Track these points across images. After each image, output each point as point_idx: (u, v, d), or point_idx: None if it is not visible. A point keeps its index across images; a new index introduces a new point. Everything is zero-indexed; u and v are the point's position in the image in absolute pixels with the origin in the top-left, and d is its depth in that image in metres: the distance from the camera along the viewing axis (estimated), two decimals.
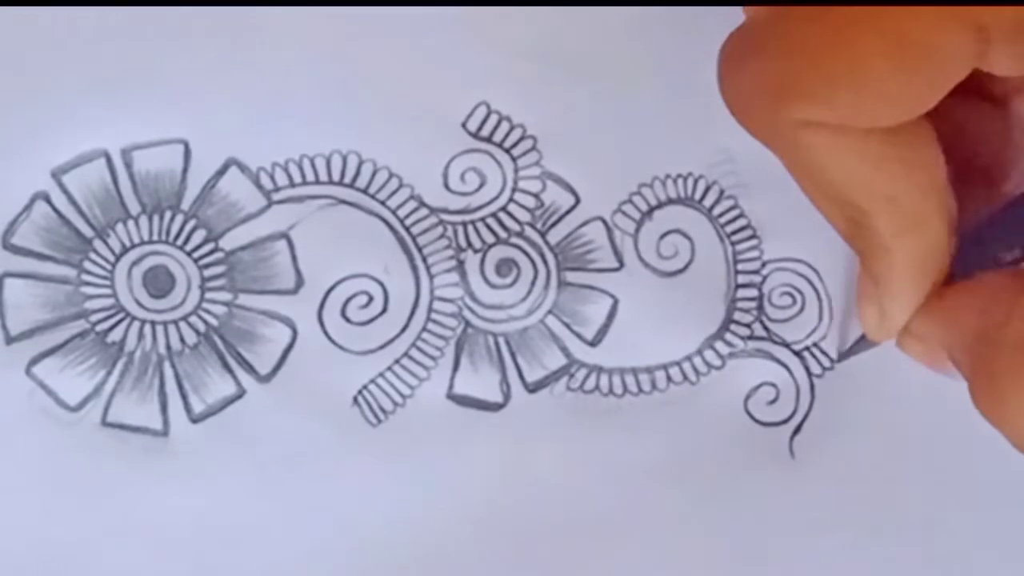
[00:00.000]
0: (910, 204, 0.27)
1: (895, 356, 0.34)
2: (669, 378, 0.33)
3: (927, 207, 0.27)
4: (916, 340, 0.30)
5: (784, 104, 0.25)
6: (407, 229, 0.33)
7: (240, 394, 0.32)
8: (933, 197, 0.27)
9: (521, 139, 0.33)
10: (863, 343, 0.33)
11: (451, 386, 0.33)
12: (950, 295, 0.29)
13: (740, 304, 0.34)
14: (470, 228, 0.33)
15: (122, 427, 0.32)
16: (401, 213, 0.33)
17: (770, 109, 0.26)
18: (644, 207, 0.33)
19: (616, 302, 0.33)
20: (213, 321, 0.32)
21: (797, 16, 0.25)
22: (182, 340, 0.32)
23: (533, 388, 0.33)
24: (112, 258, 0.32)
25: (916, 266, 0.28)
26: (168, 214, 0.32)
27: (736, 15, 0.33)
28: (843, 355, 0.34)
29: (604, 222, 0.33)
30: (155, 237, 0.32)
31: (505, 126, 0.33)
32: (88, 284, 0.32)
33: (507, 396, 0.33)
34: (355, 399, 0.32)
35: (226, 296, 0.32)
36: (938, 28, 0.24)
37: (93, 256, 0.32)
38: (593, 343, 0.33)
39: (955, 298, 0.28)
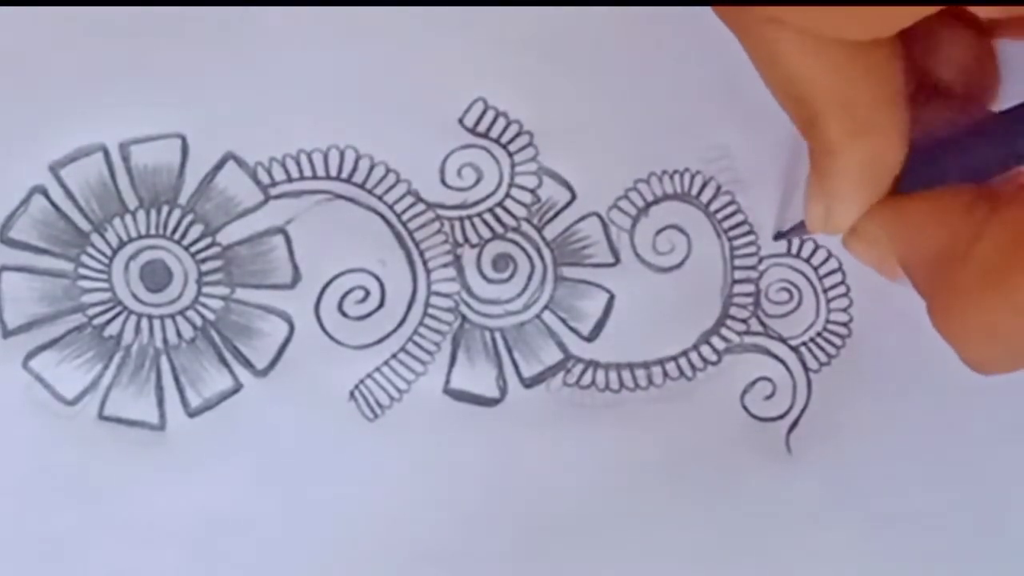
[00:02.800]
0: (862, 110, 0.27)
1: (892, 353, 0.34)
2: (665, 373, 0.33)
3: (880, 116, 0.27)
4: (865, 243, 0.30)
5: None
6: (404, 224, 0.33)
7: (237, 388, 0.32)
8: (887, 107, 0.27)
9: (518, 135, 0.33)
10: (802, 227, 0.33)
11: (448, 381, 0.33)
12: (910, 203, 0.28)
13: (737, 299, 0.34)
14: (467, 223, 0.33)
15: (119, 421, 0.32)
16: (398, 208, 0.33)
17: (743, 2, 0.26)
18: (640, 203, 0.33)
19: (612, 297, 0.33)
20: (210, 315, 0.32)
21: None
22: (179, 334, 0.32)
23: (529, 383, 0.33)
24: (109, 252, 0.32)
25: (862, 171, 0.28)
26: (165, 208, 0.32)
27: None
28: (780, 235, 0.34)
29: (600, 218, 0.33)
30: (152, 231, 0.32)
31: (502, 122, 0.33)
32: (85, 278, 0.32)
33: (503, 391, 0.33)
34: (352, 394, 0.32)
35: (223, 290, 0.32)
36: None
37: (90, 250, 0.32)
38: (589, 338, 0.33)
39: (916, 208, 0.28)
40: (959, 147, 0.28)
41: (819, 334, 0.34)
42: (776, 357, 0.34)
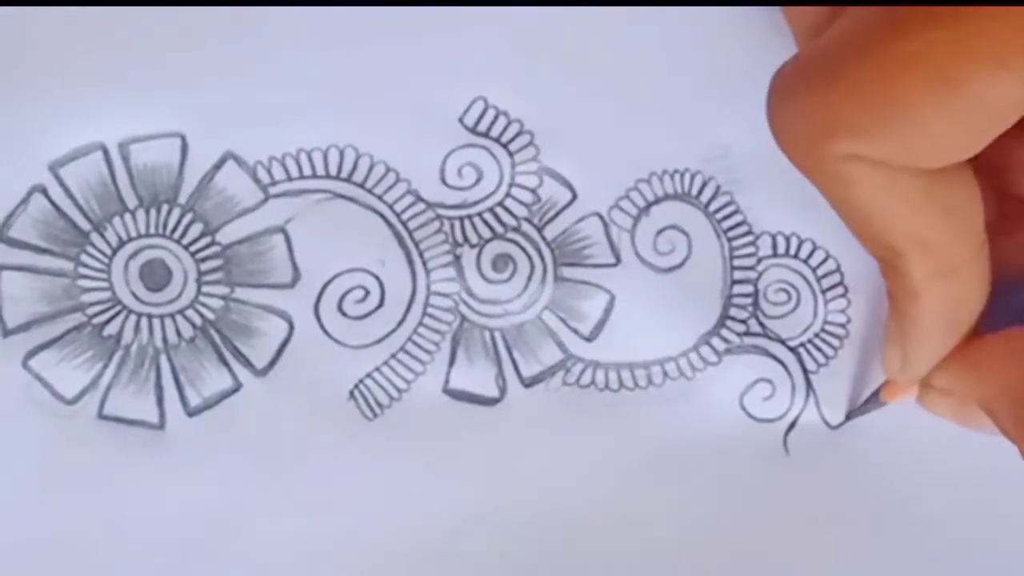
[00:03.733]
0: (945, 250, 0.27)
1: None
2: (665, 374, 0.33)
3: (962, 254, 0.27)
4: (940, 395, 0.30)
5: (828, 138, 0.25)
6: (404, 224, 0.33)
7: (236, 388, 0.32)
8: (969, 245, 0.27)
9: (518, 134, 0.33)
10: (873, 402, 0.33)
11: (447, 380, 0.33)
12: (985, 346, 0.28)
13: (736, 300, 0.34)
14: (467, 223, 0.33)
15: (118, 420, 0.32)
16: (398, 208, 0.33)
17: (815, 142, 0.26)
18: (641, 203, 0.33)
19: (612, 298, 0.33)
20: (210, 315, 0.32)
21: (848, 53, 0.25)
22: (179, 333, 0.32)
23: (529, 383, 0.33)
24: (109, 251, 0.32)
25: (945, 313, 0.28)
26: (165, 207, 0.32)
27: (734, 11, 0.33)
28: (852, 413, 0.34)
29: (601, 218, 0.33)
30: (152, 230, 0.32)
31: (503, 121, 0.33)
32: (85, 277, 0.32)
33: (503, 391, 0.33)
34: (351, 393, 0.32)
35: (223, 290, 0.32)
36: (986, 76, 0.23)
37: (90, 249, 0.32)
38: (589, 338, 0.33)
39: (992, 349, 0.28)
40: None
41: (817, 335, 0.34)
42: (775, 358, 0.34)
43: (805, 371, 0.34)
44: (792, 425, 0.34)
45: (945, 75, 0.24)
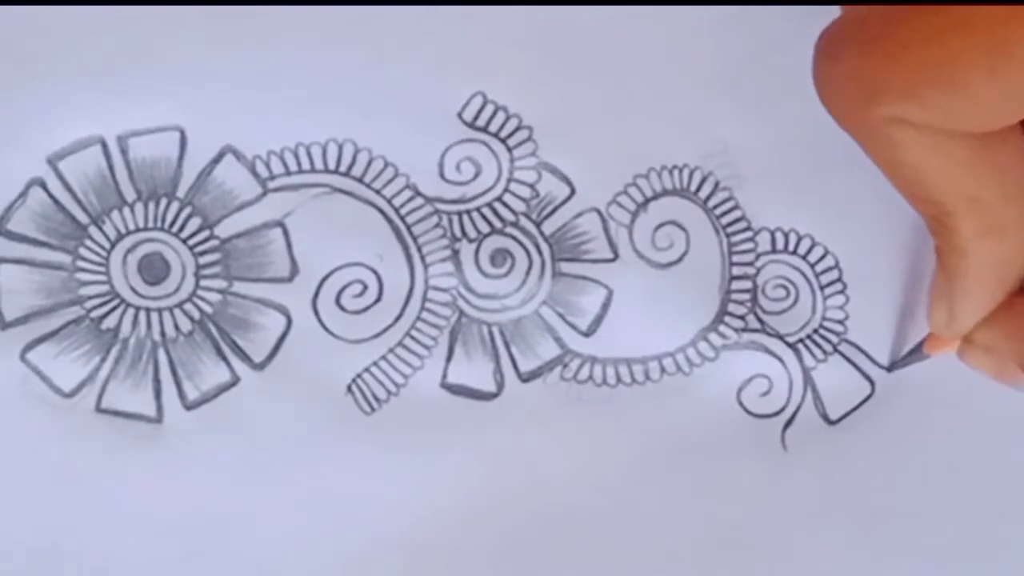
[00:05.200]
0: (993, 208, 0.27)
1: (887, 349, 0.34)
2: (663, 369, 0.33)
3: (1010, 213, 0.27)
4: (981, 351, 0.30)
5: (877, 100, 0.25)
6: (402, 218, 0.33)
7: (234, 381, 0.32)
8: (1017, 205, 0.27)
9: (517, 129, 0.33)
10: (916, 354, 0.33)
11: (445, 375, 0.33)
12: None
13: (734, 296, 0.34)
14: (465, 218, 0.33)
15: (116, 413, 0.32)
16: (396, 202, 0.33)
17: (862, 104, 0.25)
18: (639, 198, 0.33)
19: (610, 293, 0.33)
20: (208, 308, 0.32)
21: (898, 15, 0.25)
22: (177, 327, 0.32)
23: (527, 378, 0.33)
24: (107, 245, 0.32)
25: (992, 271, 0.28)
26: (164, 201, 0.32)
27: (731, 10, 0.33)
28: (895, 364, 0.34)
29: (599, 213, 0.33)
30: (150, 224, 0.32)
31: (501, 116, 0.33)
32: (83, 270, 0.32)
33: (501, 385, 0.33)
34: (349, 387, 0.32)
35: (221, 284, 0.32)
36: None
37: (88, 243, 0.32)
38: (587, 333, 0.33)
39: None
40: None
41: (815, 331, 0.34)
42: (773, 354, 0.34)
43: (803, 367, 0.34)
44: (790, 421, 0.34)
45: (997, 40, 0.23)
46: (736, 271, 0.34)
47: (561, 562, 0.33)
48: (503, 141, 0.33)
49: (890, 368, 0.34)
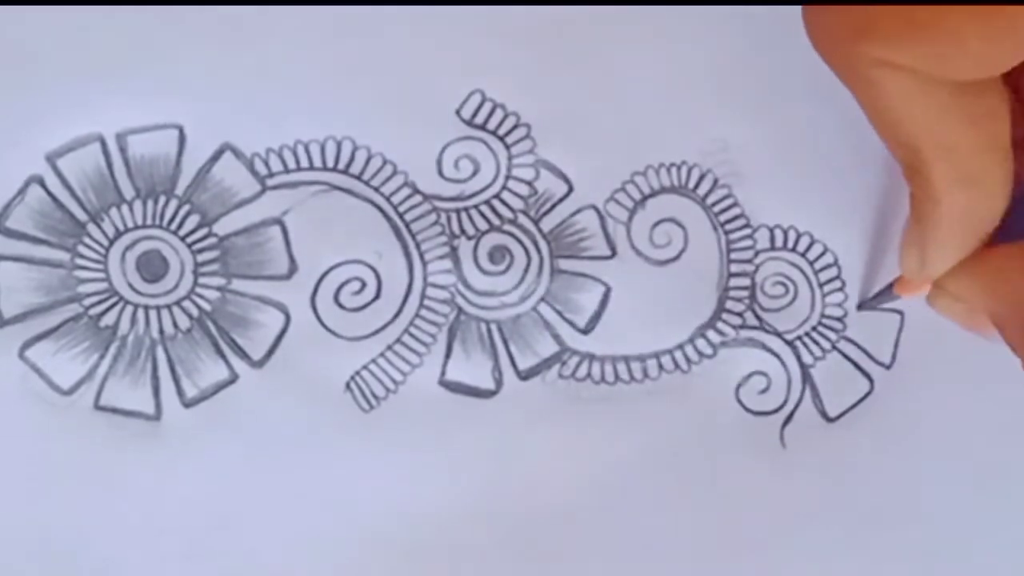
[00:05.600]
0: (968, 157, 0.27)
1: (886, 347, 0.34)
2: (661, 366, 0.33)
3: (985, 163, 0.27)
4: (952, 299, 0.30)
5: (863, 41, 0.25)
6: (401, 216, 0.33)
7: (233, 379, 0.32)
8: (993, 155, 0.27)
9: (515, 127, 0.33)
10: (886, 295, 0.33)
11: (443, 372, 0.33)
12: (1000, 256, 0.28)
13: (732, 293, 0.34)
14: (463, 215, 0.33)
15: (115, 411, 0.32)
16: (395, 200, 0.33)
17: (850, 44, 0.26)
18: (637, 195, 0.33)
19: (608, 290, 0.33)
20: (206, 306, 0.32)
21: None
22: (175, 325, 0.32)
23: (525, 375, 0.33)
24: (106, 242, 0.32)
25: (964, 220, 0.28)
26: (162, 199, 0.32)
27: (731, 11, 0.33)
28: (864, 304, 0.34)
29: (597, 210, 0.33)
30: (149, 222, 0.32)
31: (499, 114, 0.33)
32: (82, 268, 0.32)
33: (499, 383, 0.33)
34: (347, 385, 0.32)
35: (219, 281, 0.32)
36: None
37: (87, 240, 0.32)
38: (585, 331, 0.33)
39: (1007, 259, 0.28)
40: None
41: (814, 328, 0.34)
42: (771, 351, 0.34)
43: (802, 364, 0.34)
44: (789, 418, 0.34)
45: None
46: (735, 268, 0.34)
47: (558, 558, 0.33)
48: (501, 139, 0.33)
49: (860, 306, 0.34)
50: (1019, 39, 0.24)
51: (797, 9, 0.33)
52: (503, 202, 0.33)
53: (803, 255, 0.34)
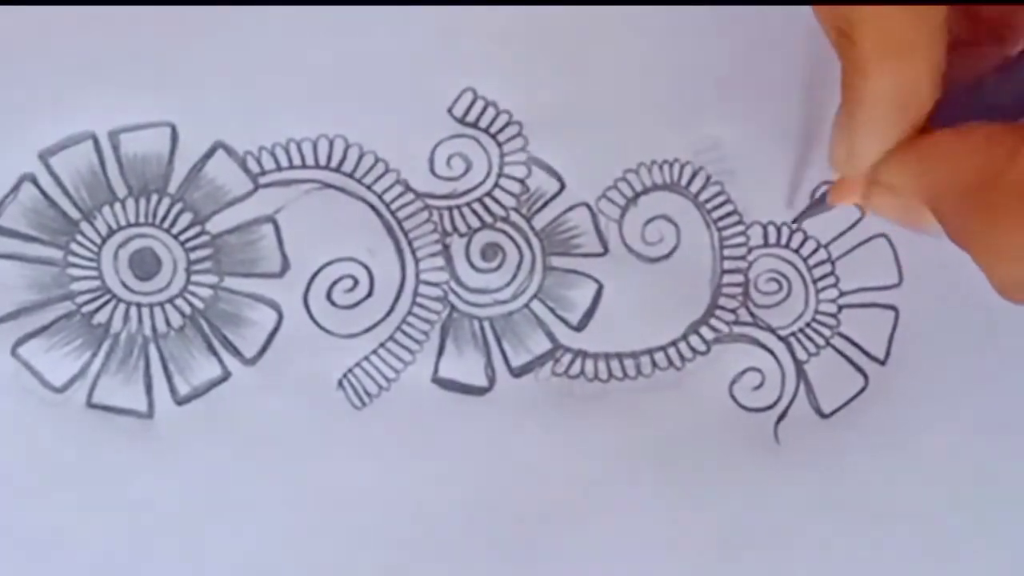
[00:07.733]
0: (899, 29, 0.26)
1: (880, 343, 0.34)
2: (654, 363, 0.33)
3: (917, 37, 0.26)
4: (887, 192, 0.28)
5: None
6: (393, 213, 0.33)
7: (225, 377, 0.32)
8: (925, 30, 0.26)
9: (507, 125, 0.33)
10: (818, 206, 0.32)
11: (436, 370, 0.33)
12: (935, 138, 0.27)
13: (725, 290, 0.34)
14: (456, 213, 0.33)
15: (107, 408, 0.32)
16: (387, 198, 0.33)
17: None
18: (629, 193, 0.33)
19: (601, 287, 0.33)
20: (199, 304, 0.32)
21: None
22: (168, 322, 0.32)
23: (518, 372, 0.33)
24: (99, 240, 0.32)
25: (894, 96, 0.27)
26: (155, 197, 0.32)
27: (724, 9, 0.33)
28: (798, 217, 0.33)
29: (589, 207, 0.33)
30: (142, 220, 0.32)
31: (491, 112, 0.33)
32: (74, 266, 0.32)
33: (492, 380, 0.33)
34: (340, 382, 0.32)
35: (212, 279, 0.32)
36: None
37: (80, 238, 0.32)
38: (578, 328, 0.33)
39: (944, 144, 0.27)
40: (988, 88, 0.27)
41: (808, 324, 0.34)
42: (765, 347, 0.34)
43: (796, 360, 0.34)
44: (783, 415, 0.34)
45: None
46: (728, 265, 0.34)
47: (552, 556, 0.33)
48: (493, 136, 0.33)
49: (793, 222, 0.33)
50: None
51: (789, 8, 0.33)
52: (495, 200, 0.33)
53: (796, 251, 0.34)
